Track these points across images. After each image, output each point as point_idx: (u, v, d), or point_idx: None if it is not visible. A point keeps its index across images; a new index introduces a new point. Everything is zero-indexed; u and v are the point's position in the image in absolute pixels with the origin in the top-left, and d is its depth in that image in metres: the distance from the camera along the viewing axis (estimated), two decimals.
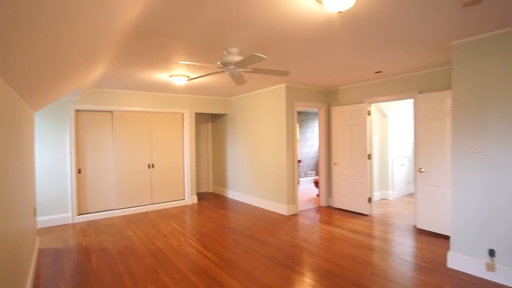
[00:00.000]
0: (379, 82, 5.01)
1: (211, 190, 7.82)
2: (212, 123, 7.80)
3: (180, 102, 6.28)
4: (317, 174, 9.33)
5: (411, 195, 6.83)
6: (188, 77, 4.51)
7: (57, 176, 4.96)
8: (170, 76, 4.41)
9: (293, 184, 5.41)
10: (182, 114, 6.42)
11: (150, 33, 2.61)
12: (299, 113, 8.90)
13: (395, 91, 4.77)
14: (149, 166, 5.96)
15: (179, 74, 4.35)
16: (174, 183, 6.30)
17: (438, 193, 4.08)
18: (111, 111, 5.56)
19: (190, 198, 6.43)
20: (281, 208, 5.40)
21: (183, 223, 4.96)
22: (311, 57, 3.56)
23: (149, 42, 2.86)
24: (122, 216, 5.51)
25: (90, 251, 3.75)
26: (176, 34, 2.66)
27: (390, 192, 6.46)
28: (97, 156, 5.42)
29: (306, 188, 8.13)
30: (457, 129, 3.04)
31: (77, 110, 5.20)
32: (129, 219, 5.24)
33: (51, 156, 4.90)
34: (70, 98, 5.05)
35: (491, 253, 2.80)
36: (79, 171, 5.21)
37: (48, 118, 4.88)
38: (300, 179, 8.95)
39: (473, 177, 2.92)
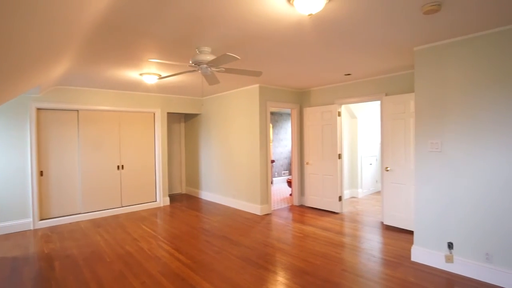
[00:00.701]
0: (349, 84, 5.18)
1: (184, 191, 7.68)
2: (185, 123, 7.67)
3: (151, 101, 6.11)
4: (290, 173, 9.47)
5: (378, 193, 7.13)
6: (159, 75, 4.40)
7: (16, 179, 4.63)
8: (141, 74, 4.28)
9: (267, 184, 5.45)
10: (154, 114, 6.25)
11: (117, 29, 2.52)
12: (272, 113, 8.98)
13: (364, 93, 4.96)
14: (118, 167, 5.74)
15: (149, 73, 4.23)
16: (145, 185, 6.12)
17: (403, 190, 4.30)
18: (77, 110, 5.29)
19: (162, 200, 6.27)
20: (255, 208, 5.42)
21: (155, 225, 4.83)
22: (283, 58, 3.61)
23: (117, 38, 2.75)
24: (89, 220, 5.25)
25: (53, 258, 3.54)
26: (144, 31, 2.59)
27: (359, 190, 6.70)
28: (61, 158, 5.12)
29: (280, 188, 8.23)
30: (419, 130, 3.22)
31: (38, 109, 4.88)
32: (97, 223, 5.01)
33: (9, 158, 4.57)
34: (31, 96, 4.74)
35: (450, 245, 3.00)
36: (41, 173, 4.90)
37: (5, 117, 4.55)
38: (274, 179, 9.04)
39: (434, 174, 3.11)
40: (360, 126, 6.73)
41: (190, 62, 3.07)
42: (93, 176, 5.44)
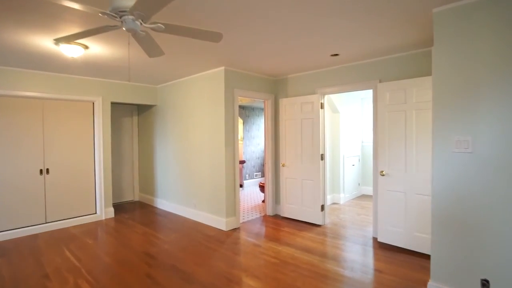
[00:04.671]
0: (334, 70, 4.28)
1: (137, 199, 6.43)
2: (138, 117, 6.41)
3: (89, 87, 4.82)
4: (263, 175, 8.51)
5: (361, 197, 6.35)
6: (86, 46, 3.20)
7: None
8: (55, 41, 3.06)
9: (234, 192, 4.41)
10: (93, 103, 4.96)
11: None
12: (243, 108, 7.96)
13: (352, 80, 4.08)
14: (41, 171, 4.41)
15: (69, 40, 3.02)
16: (80, 194, 4.83)
17: (403, 200, 3.45)
18: None
19: (104, 212, 5.01)
20: (219, 222, 4.36)
21: (84, 250, 3.61)
22: (250, 20, 2.58)
23: None
24: None
25: None
26: None
27: (341, 195, 5.87)
28: None
29: (251, 192, 7.22)
30: (439, 124, 2.34)
31: None
32: (2, 249, 3.69)
33: None
34: None
35: (485, 284, 2.15)
36: None
37: None
38: (245, 181, 8.02)
39: (460, 183, 2.24)
40: (343, 122, 5.89)
41: (108, 10, 1.95)
42: (4, 184, 4.09)
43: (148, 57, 3.68)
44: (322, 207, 4.44)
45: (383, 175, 3.59)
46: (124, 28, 2.01)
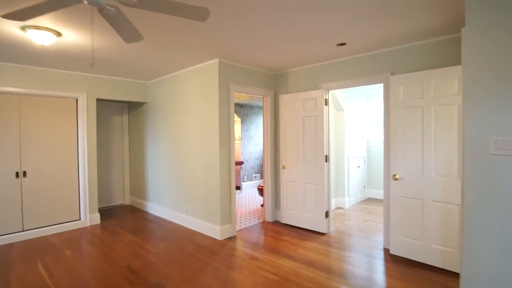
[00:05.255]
0: (340, 62, 3.88)
1: (127, 203, 6.03)
2: (129, 115, 6.01)
3: (71, 82, 4.42)
4: (262, 177, 8.10)
5: (367, 201, 5.95)
6: (58, 33, 2.80)
7: None
8: (23, 28, 2.66)
9: (229, 197, 4.01)
10: (76, 100, 4.56)
11: None
12: (241, 106, 7.56)
13: (360, 73, 3.68)
14: (17, 174, 4.02)
15: (38, 26, 2.63)
16: (62, 199, 4.43)
17: (419, 208, 3.05)
18: None
19: (89, 218, 4.61)
20: (213, 230, 3.96)
21: (59, 263, 3.21)
22: (250, 8, 2.18)
23: None
24: None
25: None
26: None
27: (346, 199, 5.47)
28: None
29: (249, 195, 6.82)
30: (472, 120, 1.94)
31: None
32: None
33: None
34: None
35: None
36: None
37: None
38: (243, 183, 7.62)
39: (501, 191, 1.84)
40: (347, 120, 5.49)
41: None
42: None
43: (136, 48, 3.28)
44: (327, 214, 4.04)
45: (396, 179, 3.19)
46: (85, 1, 1.61)
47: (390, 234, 3.28)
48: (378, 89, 5.80)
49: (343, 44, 3.25)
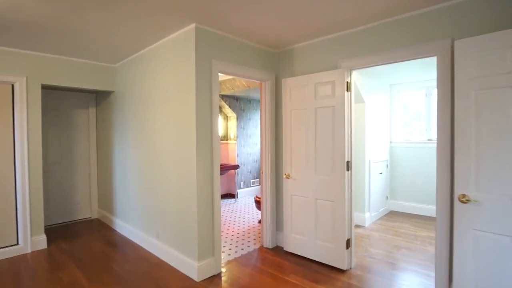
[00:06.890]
0: (368, 30, 2.72)
1: (95, 216, 4.90)
2: (96, 108, 4.88)
3: (4, 61, 3.31)
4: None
5: (390, 215, 4.79)
6: None
7: None
8: None
9: (212, 219, 2.87)
10: (12, 86, 3.44)
11: None
12: (236, 99, 6.41)
13: (400, 42, 2.52)
14: None
15: None
16: None
17: (500, 247, 1.90)
18: None
19: (30, 242, 3.49)
20: (189, 267, 2.82)
21: None
22: None
23: None
24: None
25: None
26: None
27: (367, 214, 4.31)
28: None
29: (246, 206, 5.68)
30: None
31: None
32: None
33: None
34: None
35: None
36: None
37: None
38: (239, 190, 6.48)
39: None
40: (369, 115, 4.34)
41: None
42: None
43: (82, 11, 2.14)
44: (348, 243, 2.89)
45: (465, 201, 2.03)
46: None
47: (457, 280, 2.12)
48: (403, 77, 4.63)
49: None
